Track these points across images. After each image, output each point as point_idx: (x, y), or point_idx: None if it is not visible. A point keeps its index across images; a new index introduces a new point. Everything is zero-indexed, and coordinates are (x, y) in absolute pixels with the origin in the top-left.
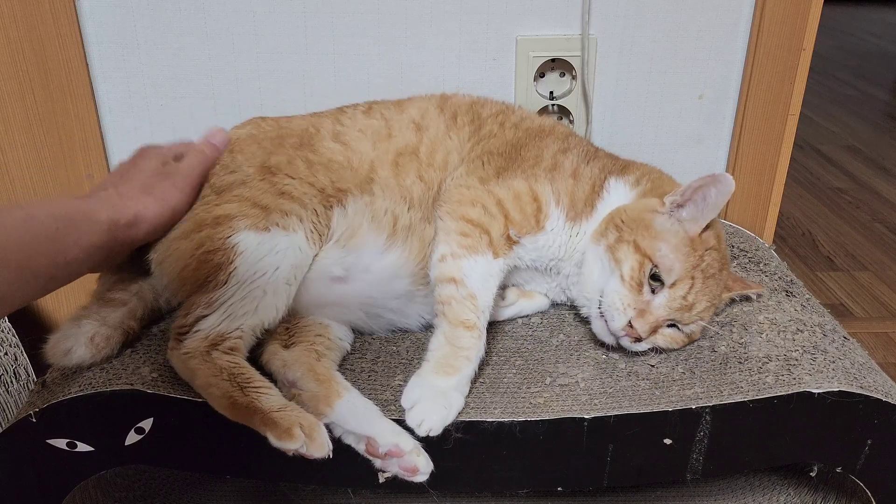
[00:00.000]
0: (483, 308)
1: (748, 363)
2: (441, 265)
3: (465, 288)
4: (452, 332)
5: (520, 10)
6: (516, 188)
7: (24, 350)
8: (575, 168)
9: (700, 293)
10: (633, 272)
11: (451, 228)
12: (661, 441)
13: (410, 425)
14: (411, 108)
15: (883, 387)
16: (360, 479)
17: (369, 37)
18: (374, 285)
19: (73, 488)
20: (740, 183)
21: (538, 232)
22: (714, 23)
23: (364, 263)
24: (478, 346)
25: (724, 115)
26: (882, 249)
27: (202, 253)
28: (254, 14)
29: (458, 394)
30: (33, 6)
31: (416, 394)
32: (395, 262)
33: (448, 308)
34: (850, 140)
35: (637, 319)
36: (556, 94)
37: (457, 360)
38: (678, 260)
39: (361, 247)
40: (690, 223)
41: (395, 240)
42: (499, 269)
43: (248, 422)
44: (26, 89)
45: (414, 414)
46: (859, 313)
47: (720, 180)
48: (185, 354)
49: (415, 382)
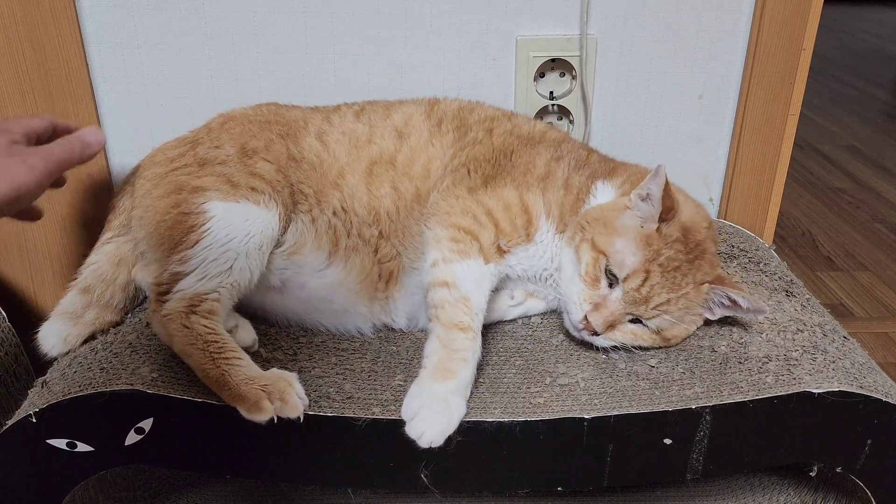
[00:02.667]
0: (476, 310)
1: (748, 363)
2: (433, 270)
3: (457, 291)
4: (447, 334)
5: (520, 10)
6: (506, 198)
7: (24, 350)
8: (566, 178)
9: (658, 286)
10: (588, 267)
11: (441, 236)
12: (661, 441)
13: (411, 437)
14: (396, 115)
15: (883, 387)
16: (361, 478)
17: (369, 37)
18: (307, 302)
19: (73, 488)
20: (740, 183)
21: (528, 243)
22: (714, 23)
23: (301, 280)
24: (473, 347)
25: (724, 115)
26: (882, 249)
27: (178, 213)
28: (254, 14)
29: (458, 399)
30: (33, 6)
31: (417, 404)
32: (333, 281)
33: (441, 311)
34: (850, 140)
35: (592, 313)
36: (555, 94)
37: (452, 362)
38: (630, 254)
39: (301, 264)
40: (646, 219)
41: (336, 258)
42: (490, 274)
43: (220, 394)
44: (26, 89)
45: (414, 426)
46: (859, 313)
47: (657, 173)
48: (165, 317)
49: (414, 391)
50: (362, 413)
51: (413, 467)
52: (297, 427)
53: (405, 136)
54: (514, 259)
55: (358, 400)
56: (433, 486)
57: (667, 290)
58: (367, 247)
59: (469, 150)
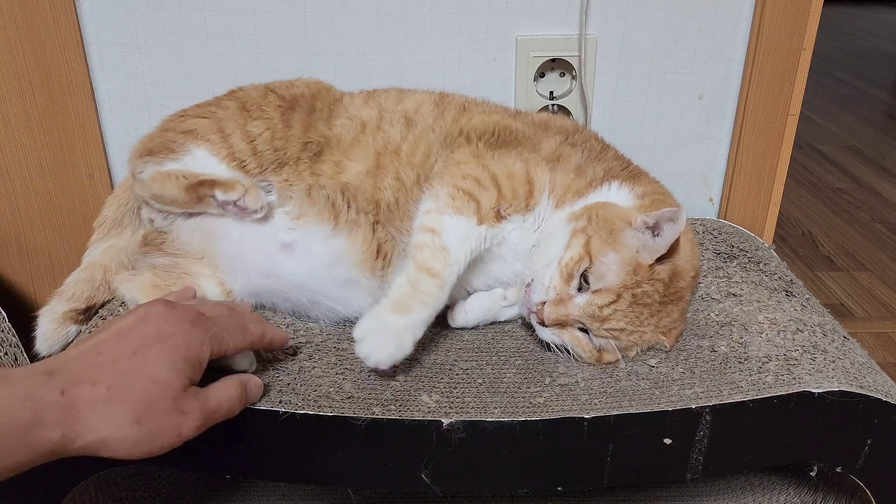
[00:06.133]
0: (452, 262)
1: (748, 363)
2: (424, 217)
3: (440, 239)
4: (416, 274)
5: (520, 10)
6: (512, 168)
7: (24, 350)
8: (579, 164)
9: (620, 313)
10: (569, 261)
11: (440, 192)
12: (661, 441)
13: (359, 356)
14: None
15: (883, 387)
16: (361, 478)
17: (369, 37)
18: (315, 267)
19: (73, 488)
20: (740, 183)
21: (526, 213)
22: (714, 23)
23: (308, 242)
24: (437, 294)
25: (724, 115)
26: (882, 249)
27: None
28: (254, 14)
29: (409, 336)
30: (33, 6)
31: (369, 327)
32: (339, 249)
33: (418, 252)
34: (850, 140)
35: (550, 305)
36: (556, 94)
37: (413, 301)
38: (614, 273)
39: (307, 230)
40: (644, 250)
41: (340, 229)
42: (479, 235)
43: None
44: (26, 89)
45: (364, 346)
46: (859, 313)
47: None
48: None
49: (369, 316)
50: (362, 413)
51: (413, 467)
52: (298, 427)
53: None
54: (510, 225)
55: (358, 400)
56: (433, 486)
57: (626, 321)
58: (366, 224)
59: (464, 123)
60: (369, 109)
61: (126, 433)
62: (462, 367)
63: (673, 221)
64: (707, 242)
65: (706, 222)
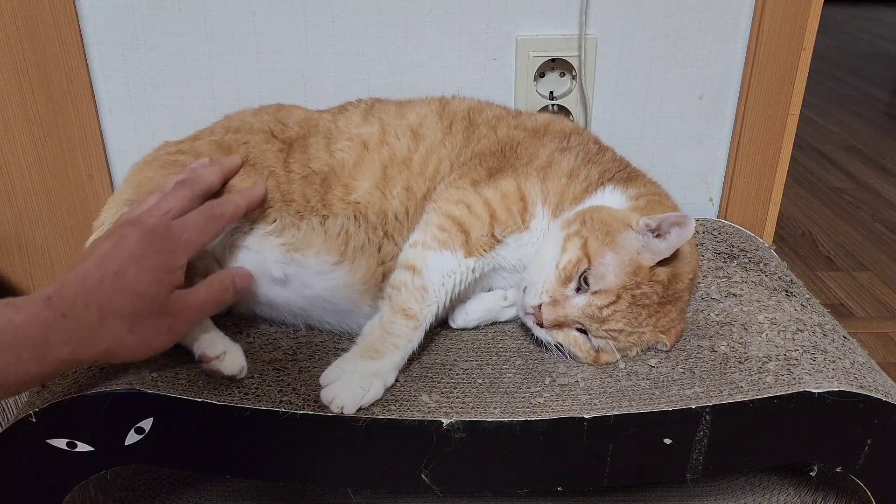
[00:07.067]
0: (431, 302)
1: (748, 363)
2: (410, 250)
3: (420, 279)
4: (390, 317)
5: (520, 10)
6: (504, 187)
7: None
8: (572, 168)
9: (620, 314)
10: (568, 265)
11: (431, 221)
12: (661, 441)
13: (324, 401)
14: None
15: (883, 387)
16: (361, 478)
17: (369, 37)
18: (312, 301)
19: (73, 488)
20: (740, 183)
21: (523, 231)
22: (714, 23)
23: (305, 280)
24: (410, 336)
25: (724, 115)
26: (882, 249)
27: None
28: (254, 14)
29: (379, 381)
30: (33, 6)
31: (335, 373)
32: (339, 283)
33: (396, 293)
34: (850, 140)
35: (547, 306)
36: (556, 94)
37: (384, 345)
38: (613, 273)
39: (305, 265)
40: (645, 251)
41: (344, 261)
42: (466, 268)
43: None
44: (26, 89)
45: (327, 391)
46: (859, 313)
47: (685, 224)
48: None
49: (336, 364)
50: (362, 413)
51: (413, 467)
52: (298, 427)
53: (421, 137)
54: (505, 249)
55: None
56: (433, 486)
57: (625, 322)
58: (372, 246)
59: (474, 146)
60: (370, 127)
61: (125, 342)
62: (462, 367)
63: (680, 227)
64: (707, 242)
65: (706, 222)
